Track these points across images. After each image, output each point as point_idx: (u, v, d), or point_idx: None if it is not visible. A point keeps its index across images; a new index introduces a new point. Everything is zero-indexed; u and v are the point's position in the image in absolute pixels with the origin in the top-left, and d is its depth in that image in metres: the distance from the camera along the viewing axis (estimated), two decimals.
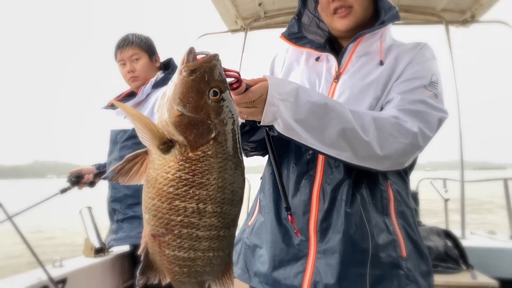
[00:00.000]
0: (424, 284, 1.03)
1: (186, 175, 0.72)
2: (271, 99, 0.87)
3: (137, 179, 0.77)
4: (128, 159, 0.77)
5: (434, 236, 2.48)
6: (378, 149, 0.94)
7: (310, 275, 1.02)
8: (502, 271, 2.49)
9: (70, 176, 2.26)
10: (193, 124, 0.72)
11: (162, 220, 0.74)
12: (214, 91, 0.73)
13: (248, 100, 0.87)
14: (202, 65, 0.74)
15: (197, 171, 0.72)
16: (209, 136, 0.72)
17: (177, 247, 0.75)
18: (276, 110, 0.88)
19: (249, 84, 0.87)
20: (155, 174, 0.74)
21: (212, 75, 0.74)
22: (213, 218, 0.74)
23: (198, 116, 0.72)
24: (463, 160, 3.07)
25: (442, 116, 1.04)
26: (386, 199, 1.05)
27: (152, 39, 2.27)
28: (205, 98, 0.72)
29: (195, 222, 0.73)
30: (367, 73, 1.11)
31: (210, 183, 0.73)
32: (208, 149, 0.72)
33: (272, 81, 0.89)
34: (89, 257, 2.12)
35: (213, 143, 0.72)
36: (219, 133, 0.73)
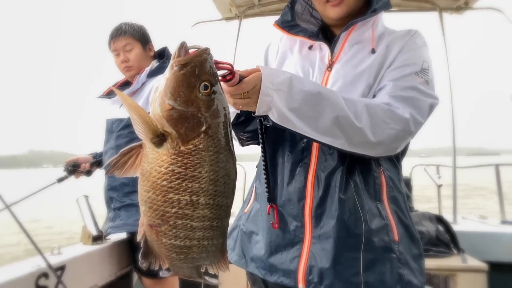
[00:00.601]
0: (415, 267, 1.06)
1: (178, 169, 0.74)
2: (265, 89, 0.89)
3: (132, 172, 0.79)
4: (123, 153, 0.79)
5: (426, 221, 2.52)
6: (371, 135, 0.96)
7: (306, 259, 1.04)
8: (492, 254, 2.54)
9: (67, 165, 2.27)
10: (184, 117, 0.73)
11: (157, 211, 0.77)
12: (205, 85, 0.74)
13: (242, 91, 0.88)
14: (192, 59, 0.75)
15: (189, 165, 0.74)
16: (200, 129, 0.74)
17: (173, 236, 0.78)
18: (270, 100, 0.90)
19: (243, 75, 0.88)
20: (149, 167, 0.76)
21: (202, 69, 0.75)
22: (206, 210, 0.77)
23: (189, 109, 0.73)
24: (455, 147, 3.10)
25: (433, 102, 1.06)
26: (378, 185, 1.08)
27: (146, 28, 2.26)
28: (195, 92, 0.74)
29: (189, 213, 0.76)
30: (359, 61, 1.13)
31: (202, 176, 0.75)
32: (199, 142, 0.74)
33: (266, 71, 0.90)
34: (87, 244, 2.14)
35: (204, 136, 0.74)
36: (210, 126, 0.75)
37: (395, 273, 1.02)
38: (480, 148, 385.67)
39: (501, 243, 2.63)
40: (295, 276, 1.04)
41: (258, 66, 0.92)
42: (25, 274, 1.61)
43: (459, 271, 2.24)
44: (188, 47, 0.78)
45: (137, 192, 2.26)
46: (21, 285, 1.58)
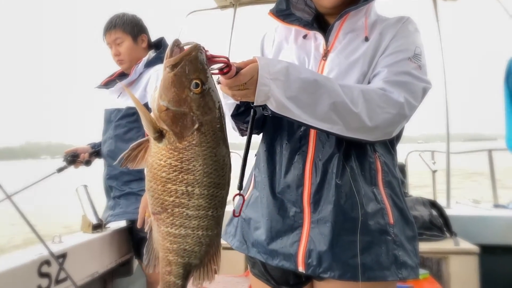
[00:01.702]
0: (410, 248, 1.10)
1: (175, 162, 0.80)
2: (262, 79, 0.91)
3: (143, 164, 0.85)
4: (132, 148, 0.84)
5: (420, 206, 2.57)
6: (367, 120, 0.99)
7: (305, 244, 1.08)
8: (484, 237, 2.60)
9: (66, 155, 2.29)
10: (178, 117, 0.78)
11: (158, 200, 0.83)
12: (195, 83, 0.77)
13: (240, 83, 0.90)
14: (182, 59, 0.78)
15: (184, 159, 0.79)
16: (193, 127, 0.78)
17: (170, 224, 0.83)
18: (267, 89, 0.92)
19: (240, 67, 0.90)
20: (151, 160, 0.82)
21: (192, 67, 0.78)
22: (201, 200, 0.81)
23: (182, 109, 0.78)
24: (449, 132, 3.14)
25: (426, 86, 1.09)
26: (374, 170, 1.11)
27: (140, 17, 2.26)
28: (186, 91, 0.78)
29: (185, 202, 0.81)
30: (353, 50, 1.15)
31: (196, 169, 0.80)
32: (192, 139, 0.79)
33: (262, 62, 0.92)
34: (87, 233, 2.17)
35: (197, 133, 0.79)
36: (202, 124, 0.79)
37: (391, 254, 1.06)
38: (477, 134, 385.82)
39: (493, 226, 2.68)
40: (295, 260, 1.08)
41: (254, 57, 0.93)
42: (27, 261, 1.64)
43: (451, 254, 2.30)
44: (182, 44, 0.81)
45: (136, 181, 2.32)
46: (24, 272, 1.61)
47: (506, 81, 2.43)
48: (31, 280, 1.64)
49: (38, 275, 1.67)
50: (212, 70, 0.85)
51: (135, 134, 2.14)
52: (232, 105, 1.15)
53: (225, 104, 1.17)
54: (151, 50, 2.28)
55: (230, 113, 1.17)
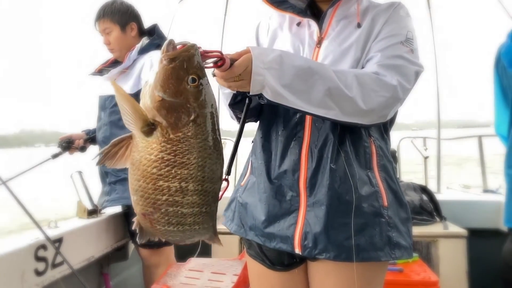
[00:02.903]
0: (403, 229, 1.13)
1: (168, 156, 0.78)
2: (256, 69, 0.92)
3: (122, 162, 0.82)
4: (113, 144, 0.82)
5: (411, 191, 2.62)
6: (362, 104, 1.01)
7: (301, 226, 1.10)
8: (472, 221, 2.65)
9: (61, 141, 2.30)
10: (173, 108, 0.77)
11: (149, 200, 0.80)
12: (193, 78, 0.78)
13: (234, 75, 0.91)
14: (181, 54, 0.79)
15: (178, 151, 0.78)
16: (189, 118, 0.78)
17: (166, 223, 0.82)
18: (262, 79, 0.93)
19: (234, 59, 0.91)
20: (139, 156, 0.80)
21: (190, 63, 0.79)
22: (195, 196, 0.80)
23: (178, 100, 0.77)
24: (440, 119, 3.18)
25: (418, 70, 1.11)
26: (369, 154, 1.13)
27: (129, 4, 2.26)
28: (184, 84, 0.78)
29: (179, 200, 0.80)
30: (346, 36, 1.16)
31: (191, 162, 0.78)
32: (188, 130, 0.78)
33: (255, 52, 0.93)
34: (83, 218, 2.20)
35: (192, 124, 0.78)
36: (198, 115, 0.78)
37: (384, 236, 1.08)
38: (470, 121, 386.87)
39: (482, 211, 2.73)
40: (292, 242, 1.11)
41: (248, 47, 0.95)
42: (24, 246, 1.66)
43: (440, 237, 2.35)
44: (176, 44, 0.81)
45: None
46: (21, 256, 1.63)
47: (495, 68, 2.45)
48: (28, 264, 1.67)
49: (35, 259, 1.70)
50: (207, 64, 0.87)
51: None
52: (229, 94, 1.16)
53: (222, 94, 1.19)
54: (144, 37, 2.29)
55: (227, 102, 1.19)
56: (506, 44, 2.28)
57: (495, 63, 2.41)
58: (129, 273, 2.67)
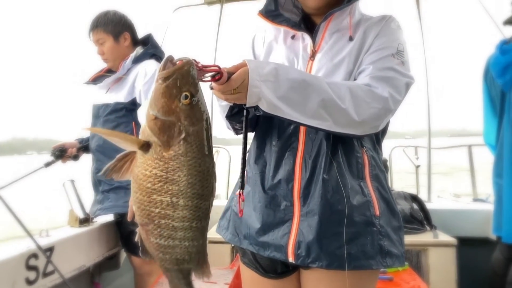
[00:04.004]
0: (395, 238, 1.15)
1: (160, 172, 0.81)
2: (253, 82, 0.94)
3: (128, 175, 0.86)
4: (118, 158, 0.85)
5: (401, 200, 2.64)
6: (355, 115, 1.02)
7: (295, 235, 1.12)
8: (462, 230, 2.67)
9: (54, 150, 2.30)
10: (165, 126, 0.80)
11: (144, 211, 0.84)
12: (185, 95, 0.80)
13: (232, 88, 0.93)
14: (174, 72, 0.80)
15: (169, 169, 0.81)
16: (180, 137, 0.80)
17: (158, 235, 0.85)
18: (258, 91, 0.95)
19: (231, 72, 0.93)
20: (137, 171, 0.84)
21: (183, 80, 0.81)
22: (185, 211, 0.83)
23: (170, 119, 0.80)
24: (430, 128, 3.21)
25: (409, 81, 1.14)
26: (361, 164, 1.15)
27: (123, 14, 2.28)
28: (176, 102, 0.80)
29: (170, 214, 0.83)
30: (339, 49, 1.19)
31: (181, 180, 0.81)
32: (178, 148, 0.80)
33: (252, 65, 0.95)
34: (74, 227, 2.19)
35: (183, 143, 0.80)
36: (189, 134, 0.81)
37: (376, 244, 1.10)
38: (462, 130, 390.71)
39: (471, 220, 2.75)
40: (285, 251, 1.12)
41: (244, 60, 0.96)
42: (15, 254, 1.65)
43: (430, 246, 2.37)
44: (175, 60, 0.83)
45: None
46: (12, 265, 1.62)
47: (484, 78, 2.50)
48: (19, 273, 1.66)
49: (26, 268, 1.69)
50: (205, 78, 0.89)
51: (123, 129, 2.17)
52: (226, 107, 1.18)
53: (219, 106, 1.21)
54: (139, 46, 2.31)
55: (224, 114, 1.21)
56: (494, 56, 2.34)
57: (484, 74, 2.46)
58: (120, 282, 2.66)
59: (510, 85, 2.19)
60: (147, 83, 2.11)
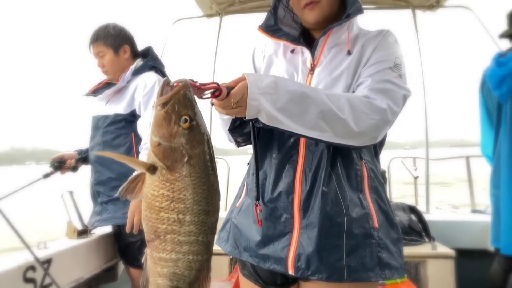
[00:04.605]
0: (394, 250, 1.16)
1: (167, 192, 0.85)
2: (252, 94, 0.96)
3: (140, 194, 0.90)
4: (131, 180, 0.90)
5: (400, 211, 2.64)
6: (354, 126, 1.04)
7: (295, 248, 1.12)
8: (461, 241, 2.67)
9: (53, 161, 2.31)
10: (169, 151, 0.84)
11: (152, 227, 0.88)
12: (184, 119, 0.83)
13: (232, 103, 0.95)
14: (171, 97, 0.84)
15: (175, 189, 0.85)
16: (183, 160, 0.84)
17: (162, 249, 0.87)
18: (257, 104, 0.96)
19: (230, 86, 0.94)
20: (146, 191, 0.88)
21: (181, 104, 0.84)
22: (192, 226, 0.86)
23: (172, 144, 0.84)
24: (428, 139, 3.22)
25: (406, 94, 1.16)
26: (360, 177, 1.16)
27: (122, 27, 2.31)
28: (176, 127, 0.84)
29: (177, 229, 0.86)
30: (338, 63, 1.21)
31: (186, 198, 0.85)
32: (183, 170, 0.84)
33: (251, 79, 0.97)
34: (72, 239, 2.18)
35: (186, 165, 0.84)
36: (191, 156, 0.84)
37: (375, 257, 1.11)
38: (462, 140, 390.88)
39: (470, 231, 2.75)
40: (285, 263, 1.13)
41: (243, 74, 0.98)
42: (13, 267, 1.64)
43: (429, 258, 2.36)
44: (172, 82, 0.87)
45: None
46: (9, 277, 1.61)
47: (481, 90, 2.52)
48: (16, 285, 1.65)
49: (23, 281, 1.68)
50: (205, 95, 0.91)
51: (123, 140, 2.18)
52: (228, 120, 1.20)
53: (221, 120, 1.23)
54: (139, 58, 2.34)
55: (227, 128, 1.22)
56: (490, 68, 2.36)
57: (480, 86, 2.48)
58: None
59: (506, 97, 2.21)
60: (147, 94, 2.13)
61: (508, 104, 2.21)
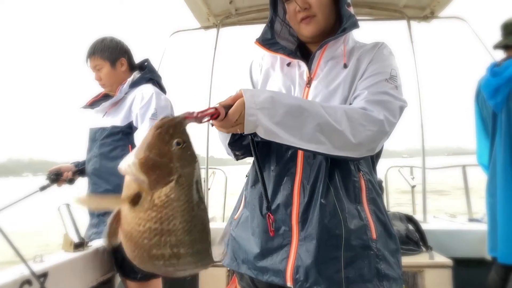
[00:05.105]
0: (393, 260, 1.16)
1: (154, 225, 0.77)
2: (249, 110, 0.95)
3: None
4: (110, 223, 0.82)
5: (397, 221, 2.65)
6: (351, 137, 1.04)
7: (293, 260, 1.12)
8: (458, 251, 2.67)
9: (49, 174, 2.30)
10: (156, 166, 0.77)
11: (148, 266, 0.81)
12: (177, 142, 0.79)
13: (232, 122, 0.95)
14: (167, 122, 0.80)
15: (163, 219, 0.78)
16: (171, 177, 0.78)
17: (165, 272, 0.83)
18: (255, 119, 0.96)
19: (228, 105, 0.95)
20: (129, 228, 0.79)
21: (176, 129, 0.80)
22: (189, 257, 0.81)
23: (161, 160, 0.78)
24: (424, 149, 3.24)
25: (403, 105, 1.17)
26: (358, 188, 1.17)
27: (119, 40, 2.33)
28: (168, 146, 0.79)
29: (175, 262, 0.81)
30: (334, 76, 1.22)
31: (177, 228, 0.78)
32: (170, 192, 0.77)
33: (247, 95, 0.97)
34: (69, 252, 2.16)
35: (175, 185, 0.78)
36: (180, 175, 0.79)
37: (373, 268, 1.11)
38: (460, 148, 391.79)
39: (467, 240, 2.75)
40: (284, 276, 1.13)
41: (240, 90, 0.98)
42: (8, 281, 1.62)
43: (426, 267, 2.36)
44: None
45: None
46: None
47: (476, 100, 2.54)
48: None
49: None
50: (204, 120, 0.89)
51: (120, 152, 2.18)
52: (228, 134, 1.20)
53: (220, 134, 1.22)
54: (136, 71, 2.35)
55: (226, 142, 1.22)
56: (485, 78, 2.38)
57: (476, 95, 2.51)
58: None
59: (501, 106, 2.23)
60: (144, 106, 2.14)
61: (503, 113, 2.23)
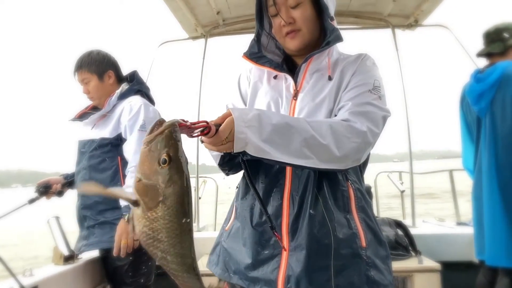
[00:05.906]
0: (383, 267, 1.17)
1: (148, 231, 0.86)
2: (238, 128, 0.97)
3: None
4: None
5: (386, 226, 2.67)
6: (336, 150, 1.06)
7: (284, 270, 1.14)
8: (446, 255, 2.70)
9: (38, 186, 2.29)
10: (147, 189, 0.84)
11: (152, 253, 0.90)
12: (164, 159, 0.83)
13: (221, 139, 0.97)
14: (156, 137, 0.84)
15: (154, 229, 0.85)
16: (158, 199, 0.84)
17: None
18: (244, 136, 0.98)
19: (218, 123, 0.97)
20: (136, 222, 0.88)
21: (163, 144, 0.84)
22: (174, 265, 0.89)
23: (151, 182, 0.84)
24: (411, 155, 3.28)
25: (386, 115, 1.19)
26: (347, 198, 1.18)
27: (106, 53, 2.34)
28: (156, 166, 0.84)
29: (165, 264, 0.89)
30: (320, 89, 1.25)
31: (163, 240, 0.86)
32: (158, 211, 0.84)
33: (236, 113, 0.99)
34: (59, 265, 2.15)
35: (161, 206, 0.84)
36: (166, 197, 0.84)
37: (363, 275, 1.12)
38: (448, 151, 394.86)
39: (455, 244, 2.79)
40: (275, 285, 1.14)
41: (228, 109, 1.00)
42: None
43: (415, 272, 2.39)
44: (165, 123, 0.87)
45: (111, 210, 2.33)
46: None
47: (461, 105, 2.59)
48: None
49: None
50: (194, 133, 0.93)
51: (109, 164, 2.18)
52: (217, 156, 1.23)
53: (211, 155, 1.25)
54: (124, 83, 2.36)
55: (217, 163, 1.25)
56: (469, 84, 2.44)
57: (460, 101, 2.55)
58: None
59: (485, 112, 2.28)
60: (132, 118, 2.14)
61: (487, 118, 2.27)
